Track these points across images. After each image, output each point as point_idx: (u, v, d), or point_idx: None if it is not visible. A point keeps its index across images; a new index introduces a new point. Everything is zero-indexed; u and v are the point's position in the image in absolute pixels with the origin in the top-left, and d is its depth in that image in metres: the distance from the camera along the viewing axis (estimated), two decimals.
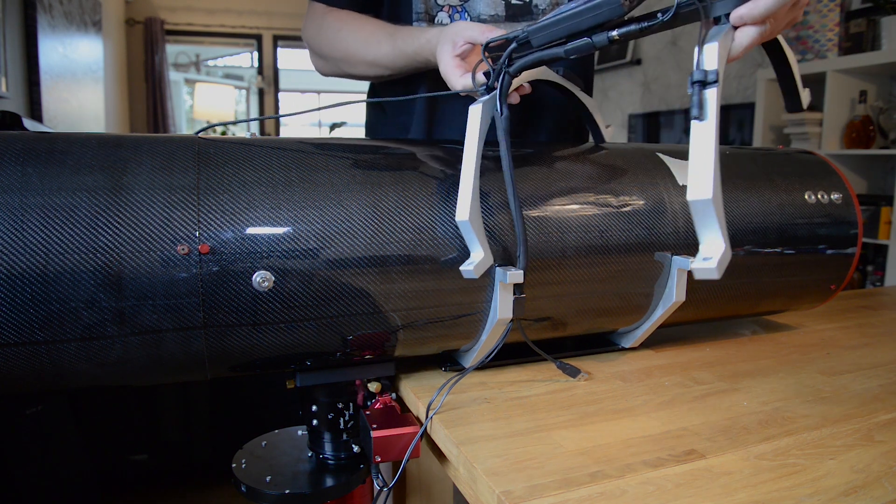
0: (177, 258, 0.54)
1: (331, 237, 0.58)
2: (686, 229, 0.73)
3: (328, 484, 0.64)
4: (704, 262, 0.44)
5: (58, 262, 0.51)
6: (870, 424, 0.59)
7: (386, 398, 0.67)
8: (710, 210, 0.44)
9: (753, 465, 0.51)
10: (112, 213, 0.53)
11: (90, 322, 0.52)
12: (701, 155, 0.45)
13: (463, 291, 0.64)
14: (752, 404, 0.63)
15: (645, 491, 0.47)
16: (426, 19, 0.86)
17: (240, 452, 0.70)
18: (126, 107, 5.17)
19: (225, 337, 0.57)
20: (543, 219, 0.67)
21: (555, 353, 0.73)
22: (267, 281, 0.56)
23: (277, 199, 0.58)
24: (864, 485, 0.48)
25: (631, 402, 0.64)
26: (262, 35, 5.59)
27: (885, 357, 0.79)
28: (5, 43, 2.82)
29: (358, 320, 0.61)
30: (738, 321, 0.95)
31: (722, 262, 0.44)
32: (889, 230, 2.41)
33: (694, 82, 0.45)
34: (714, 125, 0.44)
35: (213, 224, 0.55)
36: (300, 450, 0.71)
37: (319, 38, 0.85)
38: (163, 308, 0.54)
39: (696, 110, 0.45)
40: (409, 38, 0.75)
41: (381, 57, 0.79)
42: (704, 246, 0.45)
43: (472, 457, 0.52)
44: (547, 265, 0.67)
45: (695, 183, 0.44)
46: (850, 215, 0.84)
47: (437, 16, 0.86)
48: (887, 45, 2.41)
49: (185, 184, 0.56)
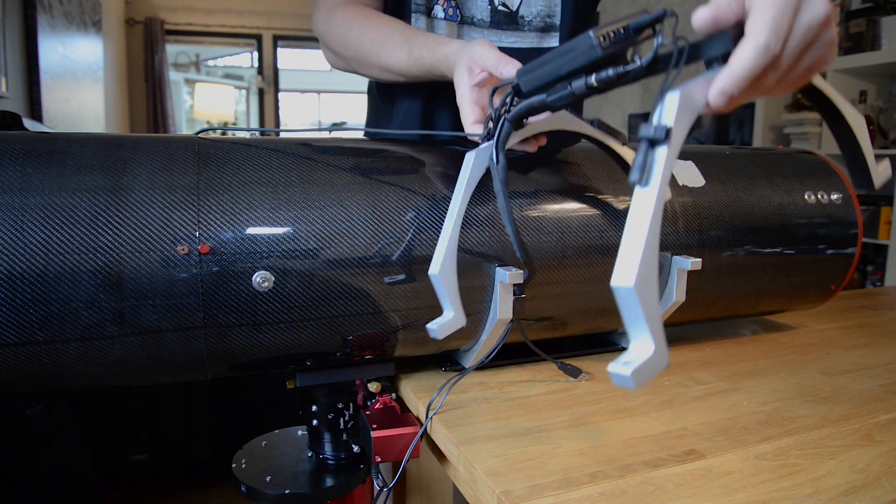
0: (177, 258, 0.54)
1: (331, 237, 0.58)
2: (686, 229, 0.73)
3: (328, 484, 0.64)
4: (624, 365, 0.36)
5: (58, 262, 0.51)
6: (870, 424, 0.59)
7: (386, 398, 0.67)
8: (634, 301, 0.36)
9: (753, 465, 0.51)
10: (112, 214, 0.53)
11: (90, 322, 0.52)
12: (635, 230, 0.37)
13: (463, 292, 0.64)
14: (752, 404, 0.63)
15: (645, 491, 0.47)
16: (425, 11, 0.86)
17: (240, 452, 0.70)
18: (126, 107, 5.17)
19: (225, 337, 0.57)
20: (543, 219, 0.67)
21: (555, 353, 0.73)
22: (267, 281, 0.56)
23: (277, 199, 0.58)
24: (864, 485, 0.48)
25: (631, 402, 0.64)
26: (262, 35, 5.59)
27: (885, 357, 0.79)
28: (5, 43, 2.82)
29: (358, 320, 0.61)
30: (738, 321, 0.95)
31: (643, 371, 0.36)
32: (889, 230, 2.41)
33: (641, 137, 0.38)
34: (657, 194, 0.37)
35: (213, 224, 0.55)
36: (300, 450, 0.71)
37: (330, 33, 0.82)
38: (163, 308, 0.54)
39: (636, 173, 0.37)
40: (426, 48, 0.72)
41: (395, 63, 0.76)
42: (631, 345, 0.37)
43: (472, 457, 0.52)
44: (547, 265, 0.67)
45: (621, 265, 0.36)
46: (850, 215, 0.84)
47: (434, 8, 0.86)
48: (887, 45, 2.41)
49: (185, 184, 0.56)
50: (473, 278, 0.64)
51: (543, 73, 0.49)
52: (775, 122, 2.97)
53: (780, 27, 0.39)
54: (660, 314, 0.37)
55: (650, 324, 0.36)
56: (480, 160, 0.57)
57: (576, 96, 0.48)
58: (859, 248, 0.86)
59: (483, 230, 0.64)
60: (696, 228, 0.74)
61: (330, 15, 0.82)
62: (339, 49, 0.82)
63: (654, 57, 0.42)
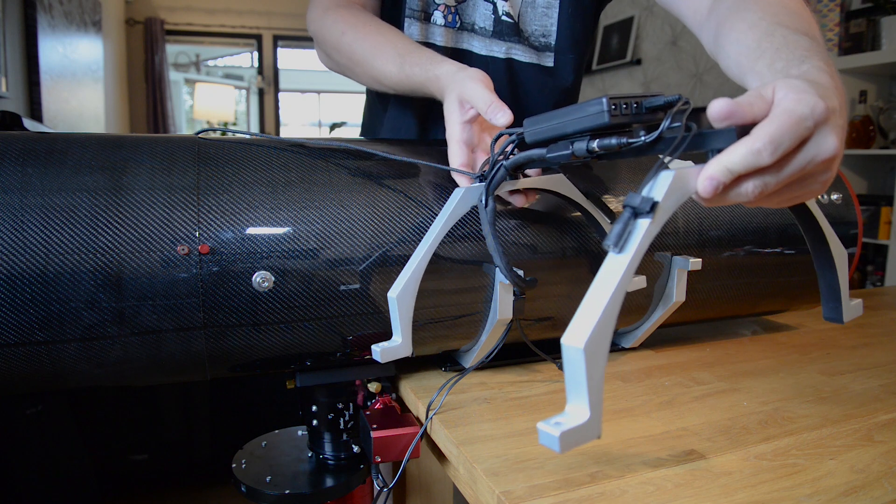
0: (177, 258, 0.54)
1: (331, 237, 0.58)
2: (686, 229, 0.73)
3: (328, 484, 0.64)
4: (554, 426, 0.35)
5: (58, 262, 0.51)
6: (870, 424, 0.59)
7: (386, 398, 0.67)
8: (580, 364, 0.35)
9: (753, 465, 0.51)
10: (112, 214, 0.53)
11: (90, 322, 0.52)
12: (598, 293, 0.36)
13: (463, 292, 0.64)
14: (752, 404, 0.63)
15: (645, 491, 0.47)
16: (421, 17, 0.85)
17: (240, 453, 0.70)
18: (126, 107, 5.17)
19: (225, 337, 0.57)
20: (546, 218, 0.67)
21: (555, 353, 0.74)
22: (267, 281, 0.56)
23: (277, 199, 0.58)
24: (864, 485, 0.48)
25: (631, 402, 0.64)
26: (262, 35, 5.59)
27: (885, 357, 0.79)
28: (5, 43, 2.82)
29: (358, 320, 0.61)
30: (738, 321, 0.95)
31: (571, 436, 0.34)
32: (889, 230, 2.41)
33: (626, 205, 0.38)
34: (628, 264, 0.36)
35: (213, 224, 0.55)
36: (300, 450, 0.71)
37: (323, 34, 0.81)
38: (163, 308, 0.54)
39: (613, 239, 0.37)
40: (417, 65, 0.70)
41: (386, 75, 0.75)
42: (568, 406, 0.36)
43: (472, 457, 0.52)
44: (546, 266, 0.67)
45: (575, 324, 0.35)
46: (849, 215, 0.84)
47: (433, 15, 0.85)
48: (887, 45, 2.41)
49: (185, 184, 0.56)
50: (473, 278, 0.64)
51: (549, 128, 0.49)
52: None
53: (780, 142, 0.38)
54: (602, 381, 0.36)
55: (591, 390, 0.35)
56: (467, 198, 0.56)
57: (575, 158, 0.48)
58: (859, 249, 0.85)
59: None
60: (696, 229, 0.74)
61: (324, 15, 0.81)
62: (331, 52, 0.82)
63: (657, 137, 0.42)
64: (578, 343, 0.34)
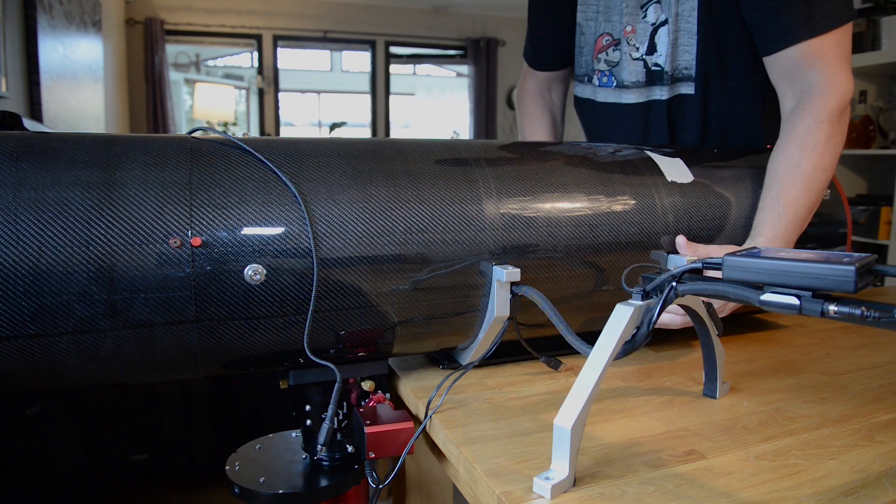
0: (169, 251, 0.54)
1: (322, 232, 0.58)
2: (675, 227, 0.74)
3: (322, 484, 0.64)
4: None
5: (51, 255, 0.51)
6: (870, 424, 0.59)
7: (379, 396, 0.67)
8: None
9: (753, 465, 0.51)
10: (105, 208, 0.53)
11: (82, 315, 0.52)
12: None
13: (459, 289, 0.64)
14: (752, 404, 0.63)
15: (645, 491, 0.47)
16: (585, 81, 1.07)
17: (233, 456, 0.69)
18: (126, 107, 5.17)
19: (217, 331, 0.57)
20: (539, 218, 0.67)
21: (556, 352, 0.74)
22: (259, 274, 0.56)
23: (269, 194, 0.58)
24: (864, 485, 0.48)
25: (631, 402, 0.64)
26: (262, 35, 5.58)
27: (885, 357, 0.79)
28: (5, 43, 2.82)
29: (349, 315, 0.61)
30: (738, 321, 0.95)
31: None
32: (889, 230, 2.41)
33: None
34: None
35: (205, 218, 0.56)
36: (294, 452, 0.70)
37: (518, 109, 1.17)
38: (155, 301, 0.54)
39: None
40: None
41: None
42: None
43: (472, 457, 0.52)
44: (544, 265, 0.67)
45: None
46: (839, 215, 0.85)
47: (593, 78, 1.05)
48: (887, 45, 2.41)
49: (178, 179, 0.56)
50: (470, 276, 0.64)
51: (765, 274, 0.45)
52: None
53: None
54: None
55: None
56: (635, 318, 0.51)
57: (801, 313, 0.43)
58: (849, 247, 0.86)
59: (482, 229, 0.64)
60: (685, 227, 0.75)
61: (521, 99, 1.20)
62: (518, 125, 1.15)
63: None
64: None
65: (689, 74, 0.97)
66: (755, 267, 0.45)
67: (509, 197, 0.66)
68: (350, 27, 5.59)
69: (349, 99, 6.89)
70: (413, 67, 6.36)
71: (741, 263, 0.46)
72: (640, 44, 0.99)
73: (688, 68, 0.97)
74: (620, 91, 1.03)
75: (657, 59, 0.98)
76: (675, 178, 0.76)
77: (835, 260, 0.42)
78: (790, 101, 0.84)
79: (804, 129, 0.80)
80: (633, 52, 0.99)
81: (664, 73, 0.98)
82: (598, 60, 1.03)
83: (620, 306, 0.51)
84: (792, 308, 0.43)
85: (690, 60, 0.96)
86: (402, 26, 5.64)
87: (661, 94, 0.99)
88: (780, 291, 0.44)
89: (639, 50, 0.99)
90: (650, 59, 0.99)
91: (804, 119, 0.80)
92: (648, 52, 0.98)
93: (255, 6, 5.49)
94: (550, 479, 0.47)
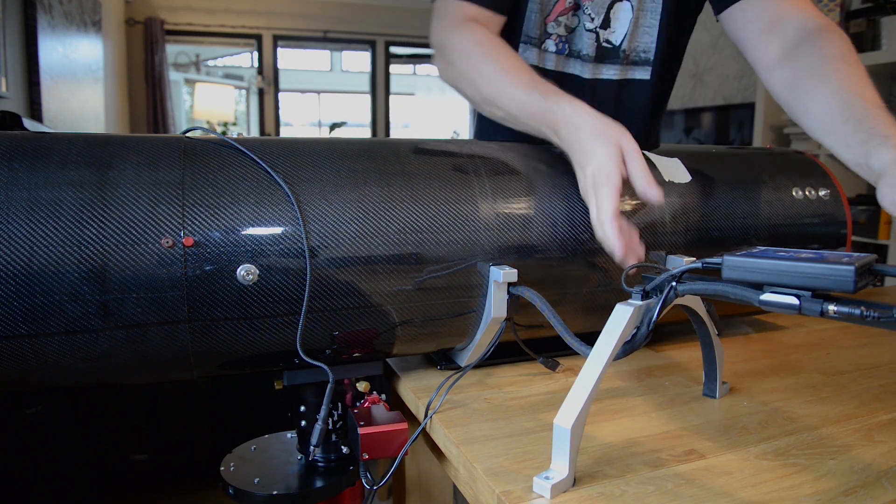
0: (161, 251, 0.54)
1: (315, 232, 0.58)
2: (673, 227, 0.74)
3: (317, 485, 0.64)
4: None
5: (42, 255, 0.51)
6: (870, 424, 0.59)
7: (374, 398, 0.67)
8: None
9: (753, 465, 0.51)
10: (97, 207, 0.53)
11: (74, 315, 0.52)
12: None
13: (455, 290, 0.64)
14: (751, 404, 0.63)
15: (645, 491, 0.47)
16: (536, 44, 0.91)
17: (228, 456, 0.69)
18: (126, 107, 5.17)
19: (210, 331, 0.57)
20: (535, 218, 0.67)
21: (556, 352, 0.74)
22: (251, 274, 0.56)
23: (262, 193, 0.58)
24: (864, 485, 0.48)
25: (631, 402, 0.64)
26: (262, 35, 5.59)
27: (885, 357, 0.79)
28: (5, 43, 2.82)
29: (343, 316, 0.61)
30: (738, 321, 0.95)
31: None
32: (889, 230, 2.41)
33: None
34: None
35: (198, 218, 0.56)
36: (290, 453, 0.70)
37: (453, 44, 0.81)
38: (147, 301, 0.54)
39: None
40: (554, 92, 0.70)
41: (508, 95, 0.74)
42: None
43: (472, 457, 0.52)
44: (541, 265, 0.67)
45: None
46: (839, 215, 0.84)
47: (545, 42, 0.91)
48: (887, 45, 2.41)
49: (170, 179, 0.56)
50: (466, 276, 0.64)
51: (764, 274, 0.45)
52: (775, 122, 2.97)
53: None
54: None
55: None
56: (635, 319, 0.51)
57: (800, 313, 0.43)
58: (849, 247, 0.86)
59: (477, 229, 0.64)
60: (683, 228, 0.75)
61: (456, 28, 0.82)
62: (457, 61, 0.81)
63: None
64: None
65: (646, 58, 0.92)
66: (754, 267, 0.45)
67: (505, 197, 0.66)
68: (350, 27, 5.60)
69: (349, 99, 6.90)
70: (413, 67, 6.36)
71: (741, 263, 0.46)
72: (595, 14, 0.91)
73: (646, 52, 0.91)
74: (572, 60, 0.93)
75: (609, 36, 0.91)
76: (673, 179, 0.76)
77: (834, 260, 0.42)
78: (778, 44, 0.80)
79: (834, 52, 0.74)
80: (587, 22, 0.92)
81: (618, 50, 0.91)
82: (558, 24, 0.91)
83: (620, 306, 0.51)
84: (791, 308, 0.43)
85: (650, 44, 0.91)
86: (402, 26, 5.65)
87: (610, 73, 0.93)
88: (779, 291, 0.44)
89: (593, 21, 0.92)
90: (603, 33, 0.91)
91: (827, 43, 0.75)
92: (602, 25, 0.91)
93: (255, 6, 5.49)
94: (550, 478, 0.47)
